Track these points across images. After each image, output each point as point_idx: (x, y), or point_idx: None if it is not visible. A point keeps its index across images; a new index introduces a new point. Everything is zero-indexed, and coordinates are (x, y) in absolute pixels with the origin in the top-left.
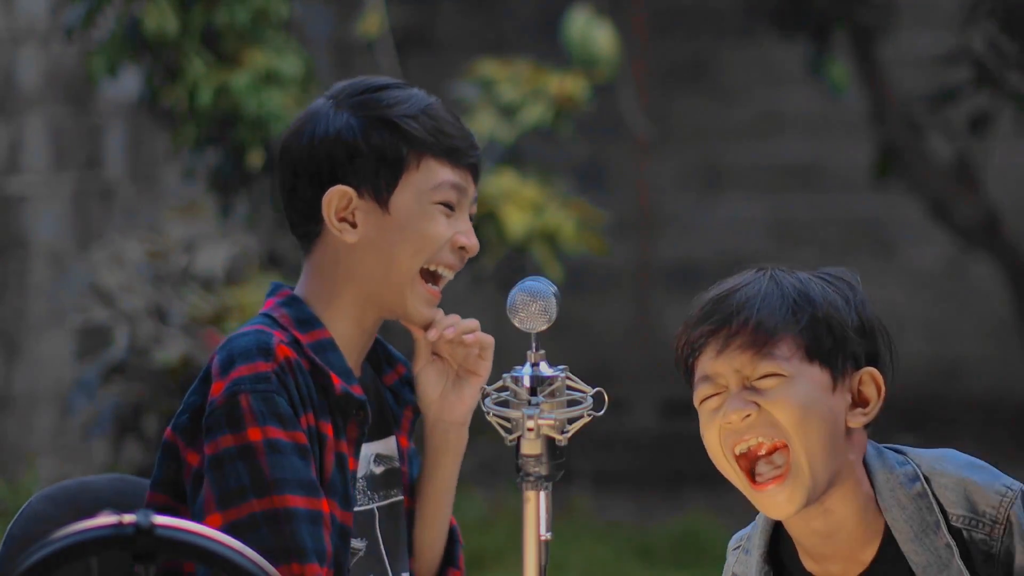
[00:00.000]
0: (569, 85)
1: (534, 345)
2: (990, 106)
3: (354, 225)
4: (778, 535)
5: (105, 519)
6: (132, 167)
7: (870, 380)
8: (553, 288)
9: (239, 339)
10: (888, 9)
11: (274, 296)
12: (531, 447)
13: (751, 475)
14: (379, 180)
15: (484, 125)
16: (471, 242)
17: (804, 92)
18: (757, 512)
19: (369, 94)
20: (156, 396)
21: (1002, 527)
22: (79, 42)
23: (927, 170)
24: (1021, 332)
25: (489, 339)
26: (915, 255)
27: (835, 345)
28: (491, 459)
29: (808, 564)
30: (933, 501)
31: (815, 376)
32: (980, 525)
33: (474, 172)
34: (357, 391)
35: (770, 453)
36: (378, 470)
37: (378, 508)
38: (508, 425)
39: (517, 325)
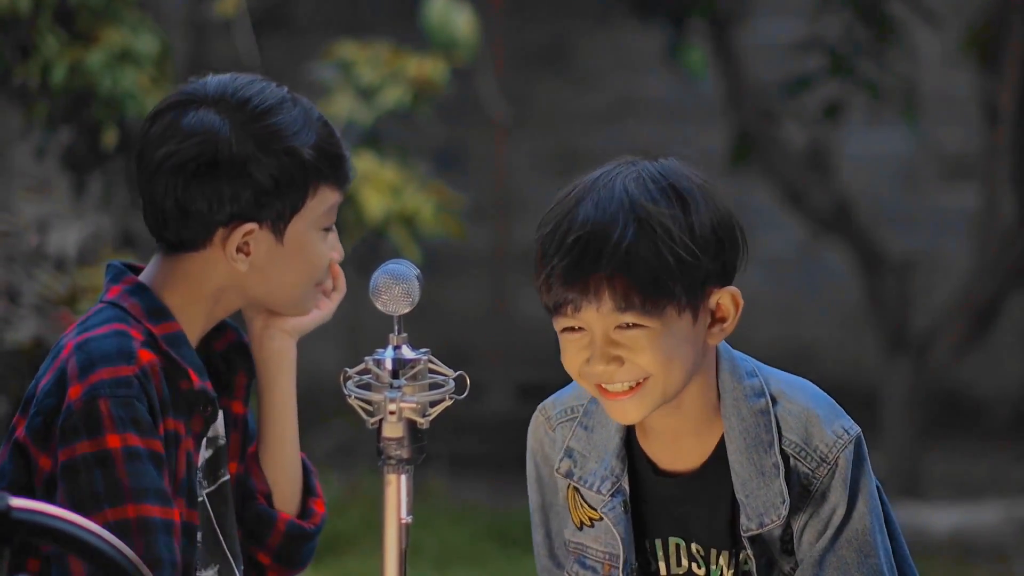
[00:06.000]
0: (428, 68)
1: (396, 328)
2: (843, 94)
3: (247, 254)
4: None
5: None
6: None
7: (730, 300)
8: (415, 271)
9: (98, 342)
10: None
11: (119, 283)
12: (393, 430)
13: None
14: (281, 213)
15: (342, 107)
16: (340, 255)
17: (661, 78)
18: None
19: (268, 120)
20: (7, 377)
21: (828, 468)
22: None
23: (781, 157)
24: (871, 316)
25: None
26: (769, 241)
27: (687, 286)
28: (348, 442)
29: (648, 448)
30: (773, 420)
31: (677, 322)
32: (808, 459)
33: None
34: (210, 387)
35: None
36: (207, 455)
37: (208, 496)
38: (370, 408)
39: (380, 308)
